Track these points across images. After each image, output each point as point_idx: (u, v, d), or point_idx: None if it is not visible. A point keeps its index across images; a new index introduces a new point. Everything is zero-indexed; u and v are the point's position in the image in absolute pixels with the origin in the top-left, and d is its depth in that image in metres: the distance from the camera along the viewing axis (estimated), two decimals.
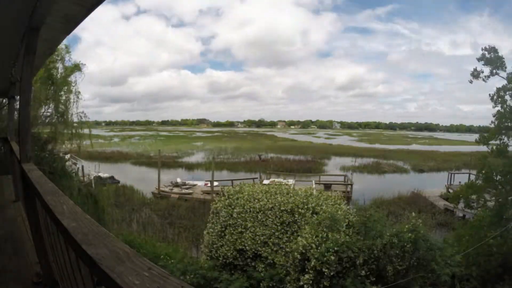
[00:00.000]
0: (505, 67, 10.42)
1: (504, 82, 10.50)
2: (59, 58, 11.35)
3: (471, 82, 11.07)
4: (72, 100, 11.89)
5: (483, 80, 10.77)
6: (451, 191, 21.36)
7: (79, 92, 12.04)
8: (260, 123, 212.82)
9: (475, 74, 10.91)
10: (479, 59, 10.66)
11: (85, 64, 12.35)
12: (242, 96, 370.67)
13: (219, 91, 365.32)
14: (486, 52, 10.49)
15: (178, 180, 24.86)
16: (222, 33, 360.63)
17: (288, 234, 8.65)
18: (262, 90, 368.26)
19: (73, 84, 11.98)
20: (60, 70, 11.62)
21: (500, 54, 10.46)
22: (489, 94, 10.70)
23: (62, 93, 11.67)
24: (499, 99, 10.47)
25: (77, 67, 12.17)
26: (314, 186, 20.12)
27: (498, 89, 10.51)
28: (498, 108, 10.59)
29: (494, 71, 10.51)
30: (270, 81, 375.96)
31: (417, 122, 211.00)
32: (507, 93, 10.38)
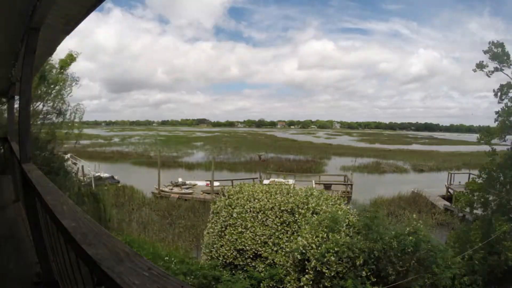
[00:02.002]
0: (511, 64, 10.28)
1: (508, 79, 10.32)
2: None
3: (474, 71, 10.75)
4: (68, 94, 11.34)
5: (487, 75, 10.64)
6: (451, 191, 21.35)
7: (76, 80, 11.44)
8: (260, 123, 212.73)
9: (480, 66, 10.75)
10: (485, 52, 10.48)
11: (80, 53, 11.60)
12: None
13: None
14: (493, 47, 10.33)
15: (171, 183, 24.21)
16: None
17: (289, 234, 8.64)
18: None
19: (70, 78, 11.39)
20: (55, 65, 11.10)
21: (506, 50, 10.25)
22: (493, 90, 10.50)
23: (58, 87, 11.10)
24: (503, 96, 10.35)
25: (70, 57, 11.33)
26: (314, 186, 20.11)
27: (502, 86, 10.37)
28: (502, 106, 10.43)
29: (499, 66, 10.38)
30: None
31: (417, 122, 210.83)
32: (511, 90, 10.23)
